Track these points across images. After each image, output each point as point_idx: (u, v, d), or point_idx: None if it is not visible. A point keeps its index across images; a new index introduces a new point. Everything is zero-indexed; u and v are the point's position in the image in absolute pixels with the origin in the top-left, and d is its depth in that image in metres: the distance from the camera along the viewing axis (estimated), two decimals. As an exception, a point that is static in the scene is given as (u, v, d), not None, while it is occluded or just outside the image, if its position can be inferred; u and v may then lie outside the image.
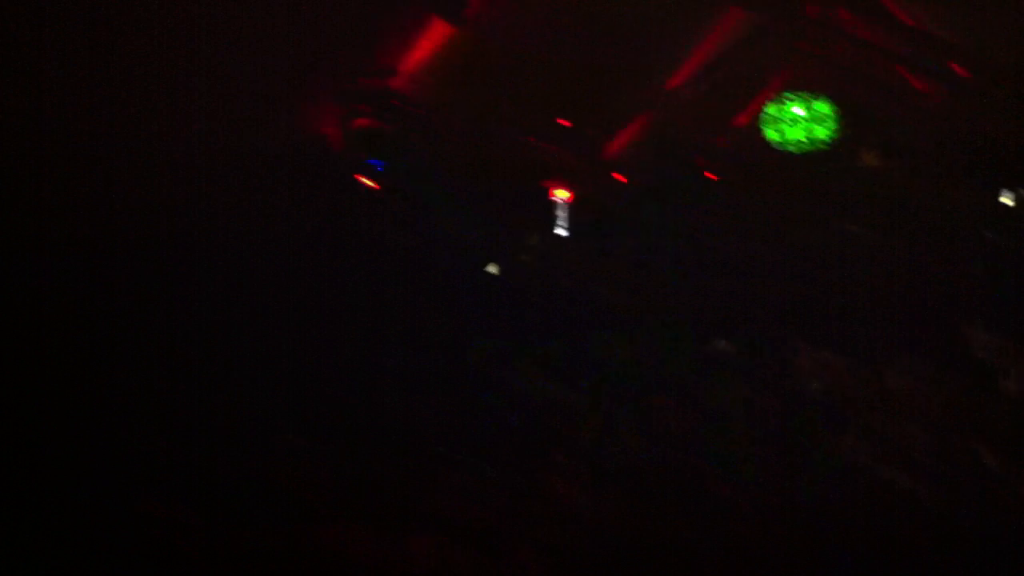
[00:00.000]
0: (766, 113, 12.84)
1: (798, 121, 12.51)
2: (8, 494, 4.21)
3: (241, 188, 7.81)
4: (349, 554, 4.19)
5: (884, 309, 8.45)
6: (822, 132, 12.48)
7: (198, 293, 6.66)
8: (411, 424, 6.18)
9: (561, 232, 12.04)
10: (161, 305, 6.52)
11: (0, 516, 4.08)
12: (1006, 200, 12.12)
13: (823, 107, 12.44)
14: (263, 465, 4.89)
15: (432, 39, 8.61)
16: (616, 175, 13.47)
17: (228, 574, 4.06)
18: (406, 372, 6.97)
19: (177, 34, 5.83)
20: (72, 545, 3.97)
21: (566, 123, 10.94)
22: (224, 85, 6.72)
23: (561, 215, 12.09)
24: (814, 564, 3.92)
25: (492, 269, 11.39)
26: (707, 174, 14.07)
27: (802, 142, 12.38)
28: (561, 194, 12.16)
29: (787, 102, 12.62)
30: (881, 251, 11.02)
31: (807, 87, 12.66)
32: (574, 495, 4.85)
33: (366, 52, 8.29)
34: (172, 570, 3.93)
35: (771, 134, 12.68)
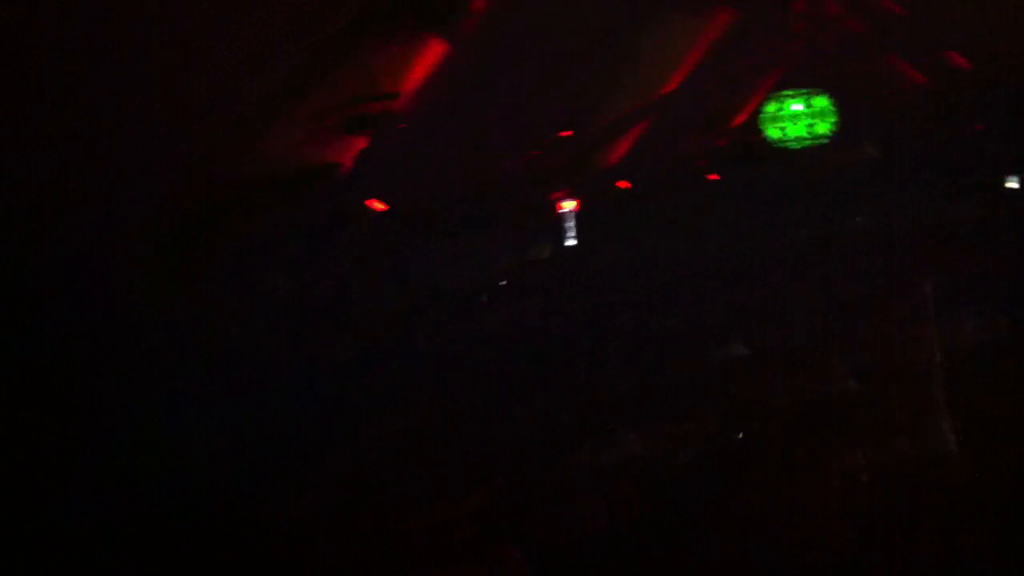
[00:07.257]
0: (765, 111, 12.90)
1: (799, 117, 12.58)
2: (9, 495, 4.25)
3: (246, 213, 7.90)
4: None
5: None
6: (823, 127, 12.54)
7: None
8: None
9: (570, 242, 12.12)
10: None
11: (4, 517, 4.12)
12: (1011, 184, 12.17)
13: (822, 102, 12.50)
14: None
15: (430, 59, 8.69)
16: (620, 182, 13.54)
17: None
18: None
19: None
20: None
21: (568, 133, 11.03)
22: (222, 112, 6.70)
23: (569, 225, 12.17)
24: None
25: (503, 284, 11.46)
26: (709, 176, 14.13)
27: (803, 138, 12.45)
28: (568, 204, 12.24)
29: (786, 99, 12.69)
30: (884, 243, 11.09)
31: (804, 83, 12.73)
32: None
33: (365, 77, 8.35)
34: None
35: (772, 131, 12.75)
